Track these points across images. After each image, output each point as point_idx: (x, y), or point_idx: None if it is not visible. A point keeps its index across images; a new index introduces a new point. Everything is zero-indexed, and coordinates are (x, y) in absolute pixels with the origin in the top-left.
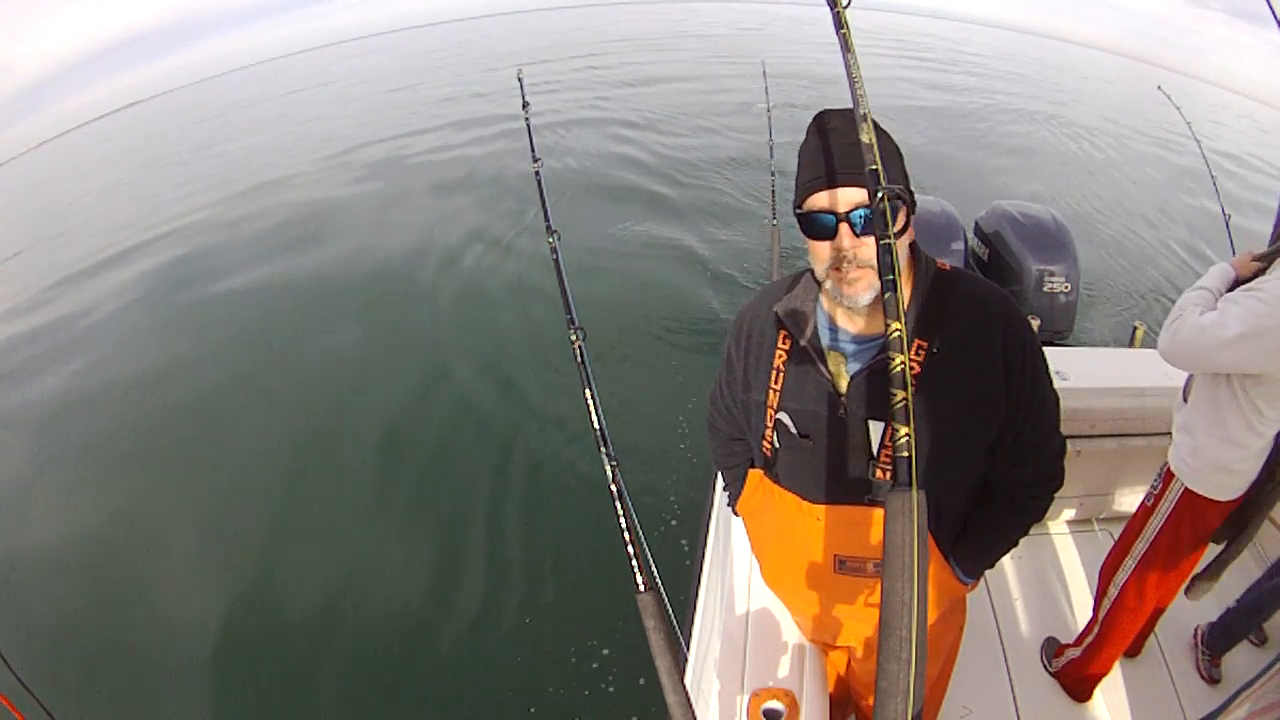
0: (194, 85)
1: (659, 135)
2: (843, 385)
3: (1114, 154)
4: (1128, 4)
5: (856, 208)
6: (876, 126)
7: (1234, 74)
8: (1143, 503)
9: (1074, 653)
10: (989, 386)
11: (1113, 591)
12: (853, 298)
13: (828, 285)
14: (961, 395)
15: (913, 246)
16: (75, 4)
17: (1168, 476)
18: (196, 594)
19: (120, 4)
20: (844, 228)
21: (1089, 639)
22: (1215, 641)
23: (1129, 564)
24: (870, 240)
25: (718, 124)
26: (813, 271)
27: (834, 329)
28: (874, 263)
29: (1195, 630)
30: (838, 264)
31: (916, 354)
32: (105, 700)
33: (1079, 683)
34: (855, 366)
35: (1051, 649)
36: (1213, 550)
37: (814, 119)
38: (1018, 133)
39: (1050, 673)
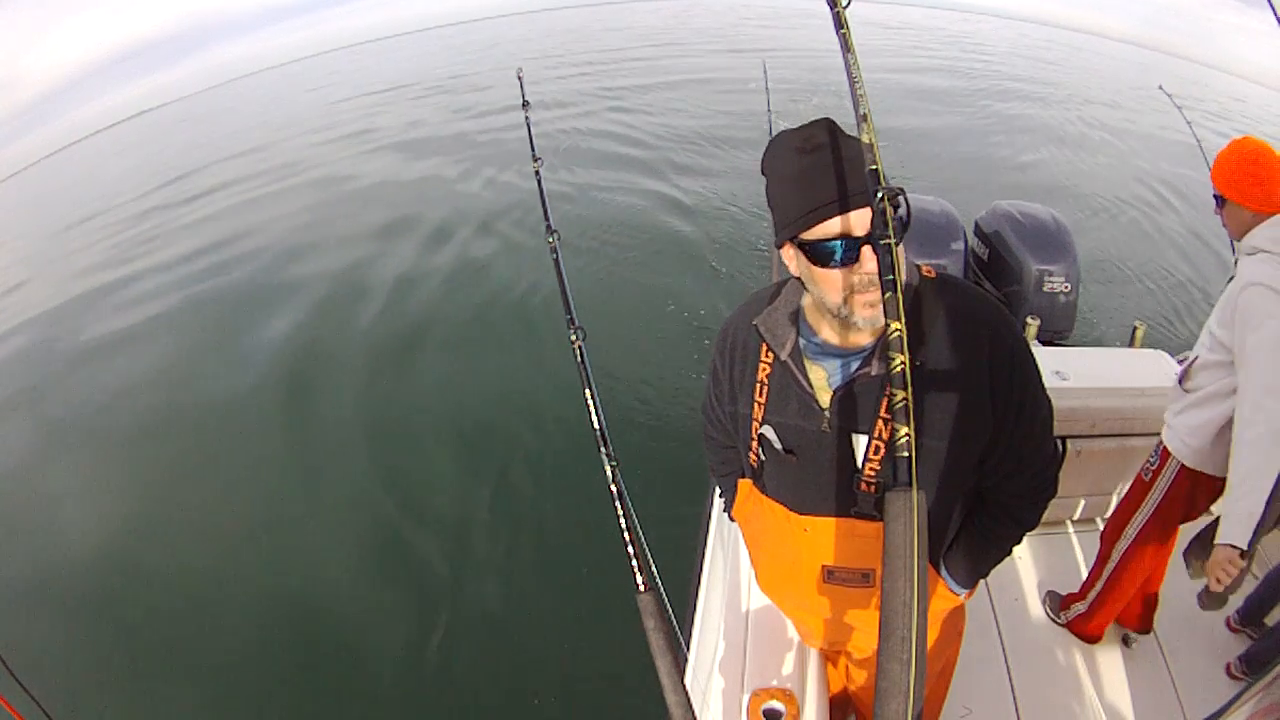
0: (204, 92)
1: (660, 133)
2: (824, 399)
3: (1115, 152)
4: None
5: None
6: (851, 136)
7: (1246, 61)
8: (1139, 476)
9: (1080, 606)
10: (974, 402)
11: (1115, 556)
12: (876, 318)
13: (843, 312)
14: (946, 411)
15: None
16: (83, 14)
17: (1164, 454)
18: (196, 593)
19: (129, 12)
20: (866, 250)
21: (1094, 593)
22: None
23: (1130, 532)
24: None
25: (720, 122)
26: (821, 298)
27: (816, 342)
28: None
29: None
30: (860, 289)
31: (898, 368)
32: (105, 700)
33: (1091, 630)
34: (838, 380)
35: (1055, 602)
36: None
37: (796, 135)
38: (1019, 131)
39: (1059, 623)
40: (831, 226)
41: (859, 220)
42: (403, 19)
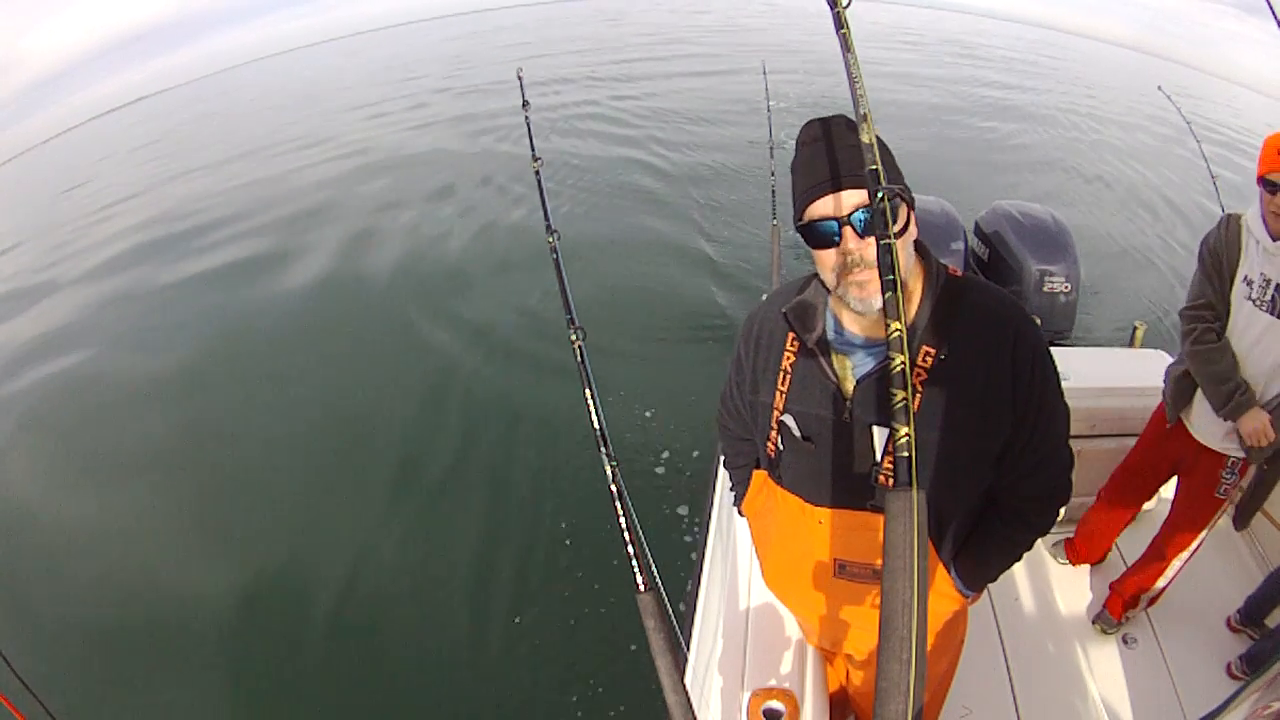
0: (204, 79)
1: (661, 134)
2: (849, 389)
3: (1115, 153)
4: None
5: (857, 209)
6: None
7: (1244, 68)
8: (1210, 495)
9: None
10: (996, 396)
11: (1177, 564)
12: (866, 301)
13: (839, 292)
14: (968, 404)
15: (921, 248)
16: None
17: (1244, 469)
18: (197, 592)
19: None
20: (847, 231)
21: (1156, 589)
22: (1250, 617)
23: (1200, 538)
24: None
25: (721, 122)
26: (822, 281)
27: (842, 332)
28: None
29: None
30: (847, 268)
31: (924, 360)
32: (106, 700)
33: (1129, 603)
34: (862, 371)
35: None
36: None
37: (801, 130)
38: (1019, 131)
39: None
40: (814, 210)
41: (837, 203)
42: (409, 10)
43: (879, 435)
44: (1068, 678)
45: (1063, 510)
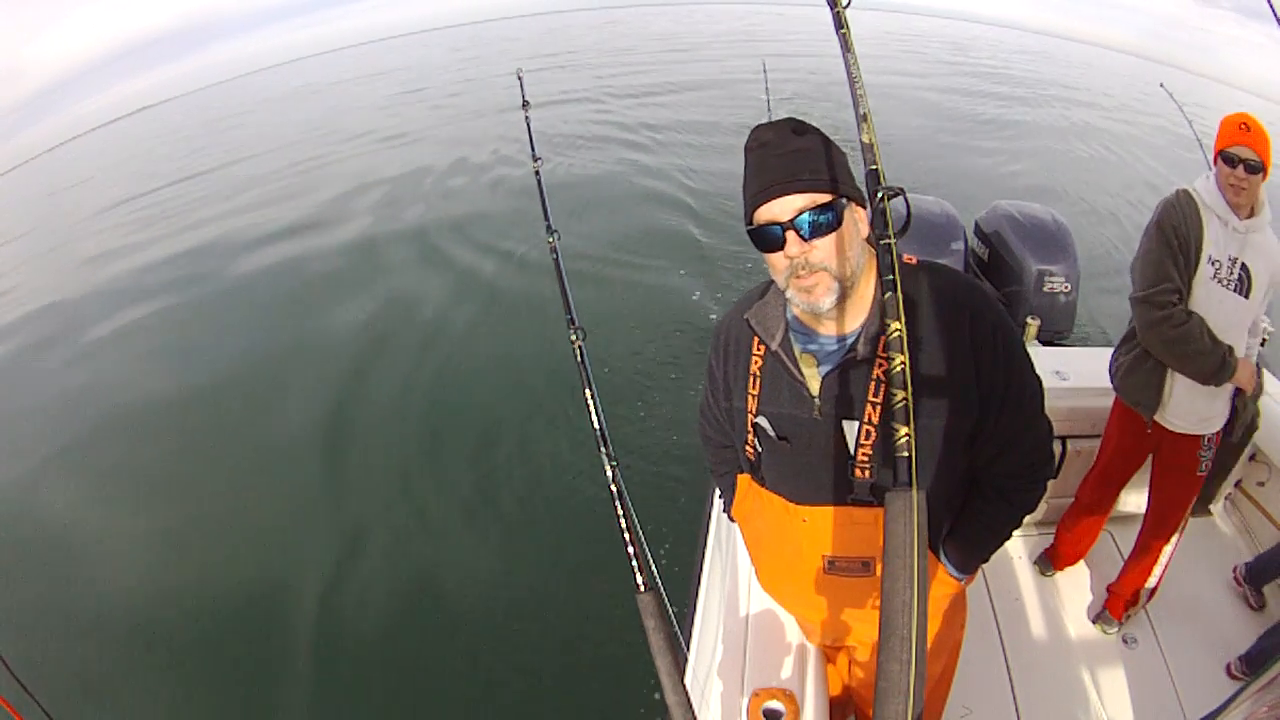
0: (207, 89)
1: (664, 135)
2: (815, 387)
3: (1116, 153)
4: (1138, 3)
5: (800, 213)
6: (822, 134)
7: (1245, 73)
8: (1193, 474)
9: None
10: (958, 378)
11: (1168, 553)
12: (814, 304)
13: (789, 294)
14: (931, 389)
15: (872, 244)
16: (86, 7)
17: (1218, 438)
18: (201, 594)
19: (132, 7)
20: (791, 235)
21: (1153, 583)
22: (1255, 576)
23: (1184, 521)
24: (820, 243)
25: (721, 127)
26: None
27: (803, 332)
28: (828, 265)
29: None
30: (794, 272)
31: (884, 350)
32: (108, 701)
33: (1129, 601)
34: (825, 368)
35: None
36: None
37: (749, 136)
38: (1019, 132)
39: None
40: (760, 214)
41: (781, 208)
42: (409, 19)
43: (849, 429)
44: (1068, 678)
45: (1044, 508)
